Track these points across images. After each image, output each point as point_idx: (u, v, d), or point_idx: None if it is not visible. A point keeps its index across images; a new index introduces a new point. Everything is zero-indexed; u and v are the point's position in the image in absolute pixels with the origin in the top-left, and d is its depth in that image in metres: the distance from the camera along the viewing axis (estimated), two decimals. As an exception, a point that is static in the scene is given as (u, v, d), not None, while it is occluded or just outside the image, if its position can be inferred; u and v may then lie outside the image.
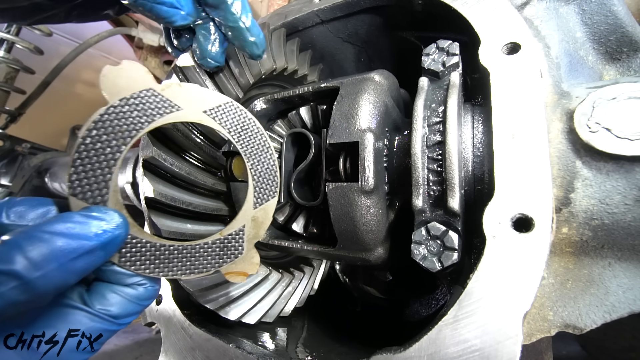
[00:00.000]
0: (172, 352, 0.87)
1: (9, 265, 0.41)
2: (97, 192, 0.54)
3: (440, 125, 0.70)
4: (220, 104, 0.67)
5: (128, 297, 0.56)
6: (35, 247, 0.43)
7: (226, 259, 0.64)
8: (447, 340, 0.57)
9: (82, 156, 0.53)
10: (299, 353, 0.91)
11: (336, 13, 1.06)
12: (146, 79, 0.59)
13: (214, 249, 0.63)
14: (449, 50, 0.77)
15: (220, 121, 0.67)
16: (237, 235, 0.65)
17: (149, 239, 0.58)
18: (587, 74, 0.76)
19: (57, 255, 0.44)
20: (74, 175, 0.53)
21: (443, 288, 1.10)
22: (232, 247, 0.65)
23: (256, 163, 0.70)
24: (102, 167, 0.54)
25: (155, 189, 0.71)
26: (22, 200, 0.54)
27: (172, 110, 0.62)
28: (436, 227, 0.65)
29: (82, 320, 0.52)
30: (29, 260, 0.42)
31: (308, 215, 0.97)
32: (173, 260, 0.60)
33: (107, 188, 0.55)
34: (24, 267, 0.42)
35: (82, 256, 0.47)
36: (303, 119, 0.95)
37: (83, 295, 0.54)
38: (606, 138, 0.57)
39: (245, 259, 0.66)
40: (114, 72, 0.57)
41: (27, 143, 2.32)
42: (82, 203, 0.53)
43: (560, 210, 0.61)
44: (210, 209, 0.84)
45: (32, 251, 0.43)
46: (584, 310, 0.58)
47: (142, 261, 0.57)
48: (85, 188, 0.53)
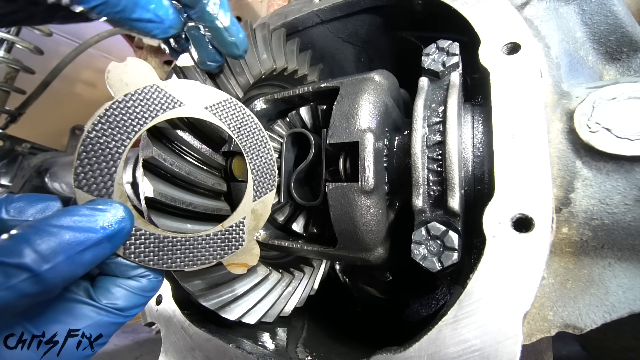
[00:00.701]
0: (172, 352, 0.87)
1: (19, 258, 0.42)
2: (102, 185, 0.55)
3: (440, 125, 0.70)
4: (221, 101, 0.70)
5: (132, 290, 0.57)
6: (43, 240, 0.44)
7: (227, 251, 0.66)
8: (447, 340, 0.57)
9: (87, 149, 0.55)
10: (299, 353, 0.91)
11: (336, 13, 1.06)
12: (150, 75, 0.62)
13: (216, 240, 0.65)
14: (449, 50, 0.77)
15: (220, 117, 0.69)
16: (238, 227, 0.68)
17: (153, 230, 0.59)
18: (587, 74, 0.76)
19: (65, 248, 0.45)
20: (79, 168, 0.54)
21: (443, 288, 1.10)
22: (233, 239, 0.67)
23: (255, 158, 0.73)
24: (107, 160, 0.56)
25: (155, 189, 0.71)
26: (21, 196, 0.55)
27: (175, 106, 0.64)
28: (436, 227, 0.65)
29: (89, 314, 0.53)
30: (38, 253, 0.43)
31: (308, 215, 0.97)
32: (176, 252, 0.61)
33: (112, 181, 0.56)
34: (33, 260, 0.42)
35: (90, 248, 0.48)
36: (303, 119, 0.95)
37: (89, 289, 0.55)
38: (606, 138, 0.57)
39: (246, 250, 0.69)
40: (120, 68, 0.59)
41: (27, 143, 2.32)
42: (87, 195, 0.54)
43: (560, 210, 0.61)
44: (210, 209, 0.84)
45: (41, 244, 0.43)
46: (584, 310, 0.58)
47: (146, 253, 0.58)
48: (91, 181, 0.55)
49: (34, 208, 0.54)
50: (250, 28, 0.94)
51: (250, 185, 0.71)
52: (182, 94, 0.65)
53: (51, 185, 1.90)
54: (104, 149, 0.56)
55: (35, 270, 0.43)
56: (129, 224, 0.53)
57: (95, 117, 0.56)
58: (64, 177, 1.82)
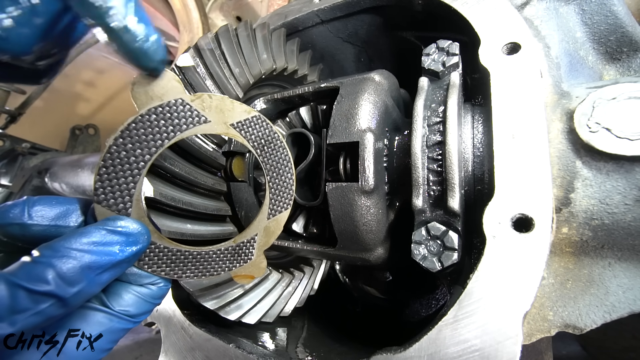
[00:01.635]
0: (172, 352, 0.87)
1: (47, 285, 0.43)
2: (121, 201, 0.55)
3: (440, 125, 0.70)
4: (248, 118, 0.67)
5: (143, 296, 0.58)
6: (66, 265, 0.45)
7: (236, 264, 0.67)
8: (447, 340, 0.57)
9: (107, 164, 0.54)
10: (299, 353, 0.91)
11: (336, 13, 1.06)
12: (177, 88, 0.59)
13: (226, 254, 0.66)
14: (449, 50, 0.77)
15: (245, 135, 0.67)
16: (249, 243, 0.68)
17: (167, 244, 0.60)
18: (587, 74, 0.76)
19: (87, 272, 0.46)
20: (98, 182, 0.53)
21: (443, 288, 1.10)
22: (243, 254, 0.68)
23: (275, 176, 0.71)
24: (126, 177, 0.55)
25: (155, 189, 0.71)
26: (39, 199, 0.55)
27: (200, 122, 0.61)
28: (436, 227, 0.65)
29: (102, 320, 0.54)
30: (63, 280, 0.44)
31: (308, 215, 0.97)
32: (187, 264, 0.62)
33: (131, 197, 0.55)
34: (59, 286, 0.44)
35: (108, 270, 0.49)
36: (303, 119, 0.95)
37: (101, 296, 0.55)
38: (606, 138, 0.57)
39: (254, 263, 0.69)
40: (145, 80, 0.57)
41: (27, 143, 2.32)
42: (106, 211, 0.54)
43: (560, 210, 0.61)
44: (210, 209, 0.84)
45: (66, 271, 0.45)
46: (584, 310, 0.58)
47: (159, 264, 0.59)
48: (109, 196, 0.54)
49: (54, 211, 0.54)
50: (250, 28, 0.94)
51: (267, 204, 0.70)
52: (208, 109, 0.62)
53: (51, 185, 1.90)
54: (124, 165, 0.54)
55: (62, 296, 0.44)
56: (145, 244, 0.54)
57: (117, 132, 0.54)
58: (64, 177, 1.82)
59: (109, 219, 0.52)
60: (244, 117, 0.66)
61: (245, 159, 0.93)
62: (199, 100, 0.61)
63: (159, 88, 0.58)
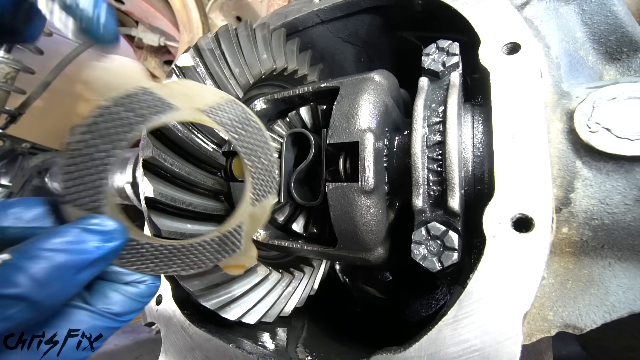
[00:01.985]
0: (172, 352, 0.87)
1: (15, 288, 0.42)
2: (90, 199, 0.53)
3: (440, 125, 0.70)
4: (219, 102, 0.64)
5: (129, 295, 0.57)
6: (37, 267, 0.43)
7: (224, 254, 0.64)
8: (447, 340, 0.57)
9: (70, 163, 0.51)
10: (299, 353, 0.91)
11: (336, 13, 1.06)
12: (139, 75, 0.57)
13: (213, 245, 0.63)
14: (449, 50, 0.77)
15: (218, 120, 0.64)
16: (236, 232, 0.65)
17: (148, 240, 0.58)
18: (587, 74, 0.76)
19: (60, 273, 0.45)
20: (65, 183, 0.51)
21: (443, 288, 1.10)
22: (231, 243, 0.64)
23: (255, 161, 0.67)
24: (93, 173, 0.52)
25: (155, 189, 0.71)
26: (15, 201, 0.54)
27: (167, 110, 0.58)
28: (436, 227, 0.65)
29: (84, 319, 0.52)
30: (34, 281, 0.43)
31: (308, 215, 0.97)
32: (172, 259, 0.60)
33: (101, 194, 0.53)
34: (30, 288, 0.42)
35: (84, 269, 0.48)
36: (303, 119, 0.95)
37: (84, 294, 0.54)
38: (606, 138, 0.57)
39: (243, 252, 0.66)
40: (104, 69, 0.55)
41: (27, 143, 2.32)
42: (77, 211, 0.52)
43: (560, 210, 0.61)
44: (210, 209, 0.84)
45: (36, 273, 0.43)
46: (584, 310, 0.58)
47: (142, 261, 0.57)
48: (78, 195, 0.52)
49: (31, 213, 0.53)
50: (250, 28, 0.94)
51: (248, 189, 0.66)
52: (175, 95, 0.59)
53: (51, 185, 1.90)
54: (90, 161, 0.52)
55: (32, 298, 0.42)
56: (122, 240, 0.53)
57: (75, 128, 0.52)
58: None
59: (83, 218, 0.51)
60: (215, 102, 0.63)
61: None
62: (164, 87, 0.58)
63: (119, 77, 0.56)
